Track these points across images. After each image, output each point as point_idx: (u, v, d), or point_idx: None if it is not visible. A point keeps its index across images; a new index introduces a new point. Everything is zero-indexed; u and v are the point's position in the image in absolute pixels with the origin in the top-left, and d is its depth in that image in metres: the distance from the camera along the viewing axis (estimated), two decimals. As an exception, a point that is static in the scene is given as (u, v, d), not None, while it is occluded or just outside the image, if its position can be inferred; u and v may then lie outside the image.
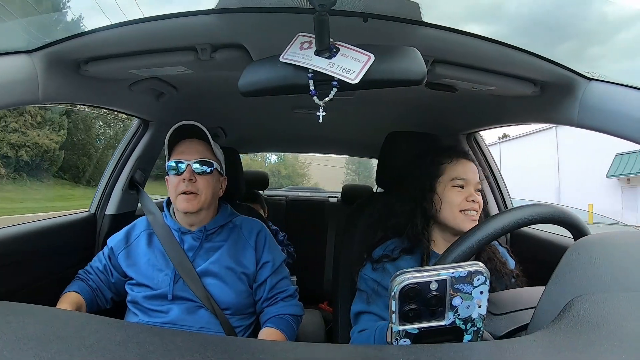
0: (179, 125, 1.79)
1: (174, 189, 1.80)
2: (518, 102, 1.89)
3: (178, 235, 1.85)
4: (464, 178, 1.68)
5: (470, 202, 1.65)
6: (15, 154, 14.99)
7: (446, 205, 1.67)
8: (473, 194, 1.66)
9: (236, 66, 1.46)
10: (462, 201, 1.65)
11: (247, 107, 2.65)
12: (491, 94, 1.83)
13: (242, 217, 2.00)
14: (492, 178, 2.68)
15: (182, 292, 1.75)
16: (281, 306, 1.84)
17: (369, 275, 1.68)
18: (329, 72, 1.15)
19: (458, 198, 1.66)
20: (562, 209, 1.10)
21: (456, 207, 1.65)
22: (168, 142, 1.82)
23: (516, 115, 2.03)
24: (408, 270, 0.74)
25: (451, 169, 1.71)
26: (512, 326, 0.87)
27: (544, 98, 1.72)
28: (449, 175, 1.69)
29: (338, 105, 2.34)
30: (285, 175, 21.98)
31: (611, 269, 0.72)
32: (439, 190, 1.70)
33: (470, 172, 1.70)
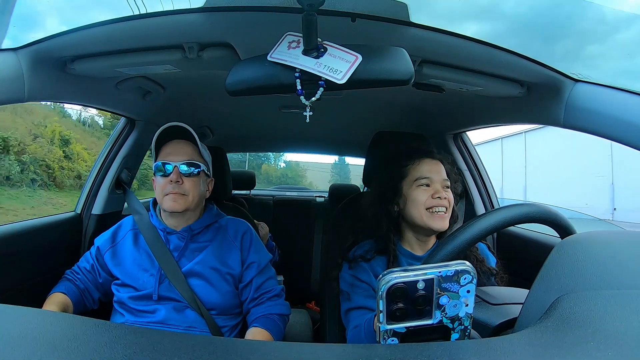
0: (166, 126, 1.78)
1: (160, 190, 1.79)
2: (505, 103, 1.90)
3: (163, 235, 1.84)
4: (428, 177, 1.69)
5: (436, 199, 1.66)
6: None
7: (412, 204, 1.69)
8: (440, 190, 1.67)
9: (223, 65, 1.47)
10: (427, 199, 1.66)
11: (234, 106, 2.65)
12: (478, 95, 1.84)
13: (228, 217, 1.99)
14: (479, 178, 2.69)
15: (168, 293, 1.75)
16: (268, 306, 1.84)
17: (346, 272, 1.72)
18: (316, 71, 1.16)
19: (423, 196, 1.67)
20: (549, 208, 1.11)
21: (422, 205, 1.67)
22: (155, 143, 1.81)
23: (503, 116, 2.04)
24: (395, 270, 0.74)
25: (414, 169, 1.72)
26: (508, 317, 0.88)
27: (530, 99, 1.74)
28: (413, 176, 1.72)
29: (325, 105, 2.35)
30: (291, 177, 25.17)
31: (597, 268, 0.72)
32: (405, 190, 1.72)
33: (434, 170, 1.71)
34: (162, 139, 1.81)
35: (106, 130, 18.74)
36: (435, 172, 1.70)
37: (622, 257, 0.75)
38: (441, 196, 1.66)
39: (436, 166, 1.73)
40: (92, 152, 15.93)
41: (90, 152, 15.87)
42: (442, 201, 1.66)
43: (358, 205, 2.03)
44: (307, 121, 1.24)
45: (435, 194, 1.66)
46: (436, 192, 1.66)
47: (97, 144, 16.90)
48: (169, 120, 1.77)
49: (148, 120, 2.44)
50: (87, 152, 15.96)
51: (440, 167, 1.73)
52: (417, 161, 1.73)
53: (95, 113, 19.35)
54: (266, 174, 25.27)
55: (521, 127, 20.67)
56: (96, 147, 16.04)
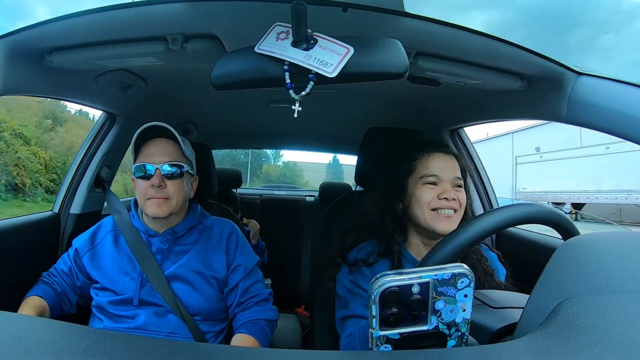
0: (147, 126, 1.75)
1: (142, 194, 1.77)
2: (504, 97, 1.90)
3: (145, 237, 1.82)
4: (435, 174, 1.62)
5: (442, 200, 1.58)
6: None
7: (416, 203, 1.62)
8: (448, 190, 1.59)
9: (209, 57, 1.46)
10: (433, 199, 1.59)
11: (220, 100, 2.65)
12: (476, 89, 1.84)
13: (213, 217, 1.98)
14: (477, 176, 2.69)
15: (150, 297, 1.73)
16: (254, 311, 1.83)
17: (346, 277, 1.66)
18: (306, 64, 1.15)
19: (428, 196, 1.60)
20: (551, 208, 1.10)
21: (426, 205, 1.60)
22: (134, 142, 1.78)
23: (502, 111, 2.04)
24: (389, 273, 0.73)
25: (422, 165, 1.66)
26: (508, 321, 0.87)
27: (531, 93, 1.73)
28: (419, 172, 1.65)
29: (316, 99, 2.34)
30: (289, 176, 26.70)
31: (601, 271, 0.72)
32: (410, 187, 1.66)
33: (445, 167, 1.64)
34: (141, 137, 1.78)
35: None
36: (445, 170, 1.63)
37: (628, 260, 0.75)
38: (448, 197, 1.58)
39: (448, 162, 1.66)
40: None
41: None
42: (450, 203, 1.58)
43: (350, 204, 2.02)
44: (295, 116, 1.23)
45: (442, 194, 1.59)
46: (443, 192, 1.59)
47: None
48: (151, 115, 1.76)
49: (129, 115, 2.42)
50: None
51: (453, 164, 1.67)
52: (426, 155, 1.66)
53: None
54: (267, 173, 26.99)
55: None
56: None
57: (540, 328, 0.65)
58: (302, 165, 26.65)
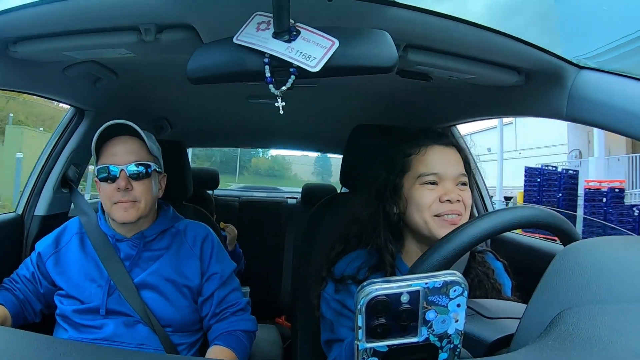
0: (106, 125, 1.72)
1: (107, 198, 1.74)
2: (500, 93, 1.89)
3: (113, 242, 1.80)
4: (435, 172, 1.48)
5: (445, 202, 1.45)
6: None
7: (413, 207, 1.49)
8: (451, 191, 1.46)
9: (184, 49, 1.44)
10: (433, 202, 1.46)
11: (196, 95, 2.62)
12: (470, 84, 1.84)
13: (187, 221, 1.96)
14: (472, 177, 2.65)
15: (118, 306, 1.72)
16: (231, 321, 1.82)
17: (332, 296, 1.57)
18: (287, 57, 1.15)
19: (428, 198, 1.46)
20: (550, 211, 1.10)
21: (425, 210, 1.46)
22: (95, 142, 1.75)
23: (498, 107, 2.03)
24: (376, 281, 0.72)
25: (419, 161, 1.52)
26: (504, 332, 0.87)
27: (528, 88, 1.73)
28: (416, 171, 1.51)
29: (299, 94, 2.33)
30: (278, 169, 27.59)
31: (604, 279, 0.71)
32: (406, 189, 1.53)
33: (446, 162, 1.51)
34: (103, 136, 1.75)
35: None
36: (447, 165, 1.50)
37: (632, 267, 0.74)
38: (452, 198, 1.45)
39: (449, 156, 1.54)
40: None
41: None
42: (455, 205, 1.45)
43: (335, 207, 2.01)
44: (280, 112, 1.22)
45: (445, 195, 1.45)
46: (445, 193, 1.45)
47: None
48: (123, 110, 1.75)
49: (99, 110, 2.39)
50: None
51: (455, 157, 1.55)
52: (423, 149, 1.53)
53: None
54: (256, 166, 27.52)
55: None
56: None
57: (538, 340, 0.65)
58: (291, 159, 27.37)
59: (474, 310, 0.97)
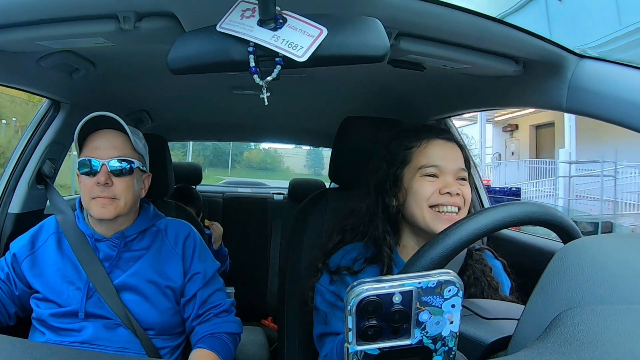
0: (91, 117, 1.71)
1: (87, 192, 1.73)
2: (497, 83, 1.88)
3: (92, 242, 1.79)
4: (436, 165, 1.54)
5: (444, 195, 1.51)
6: None
7: (413, 199, 1.55)
8: (451, 184, 1.52)
9: (165, 38, 1.43)
10: (433, 194, 1.52)
11: (178, 86, 2.60)
12: (465, 74, 1.84)
13: (168, 219, 1.96)
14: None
15: (97, 309, 1.71)
16: (215, 323, 1.81)
17: (327, 287, 1.60)
18: (273, 46, 1.14)
19: (427, 190, 1.52)
20: (550, 208, 1.09)
21: (424, 201, 1.52)
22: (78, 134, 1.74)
23: (494, 98, 2.03)
24: (367, 281, 0.71)
25: (420, 153, 1.58)
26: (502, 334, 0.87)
27: (527, 78, 1.72)
28: (417, 162, 1.57)
29: (286, 85, 2.32)
30: (270, 162, 28.85)
31: (606, 278, 0.71)
32: (406, 180, 1.58)
33: (447, 156, 1.57)
34: (87, 128, 1.74)
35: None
36: (448, 159, 1.57)
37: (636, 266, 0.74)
38: (452, 191, 1.50)
39: (450, 150, 1.60)
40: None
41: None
42: (454, 198, 1.51)
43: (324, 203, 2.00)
44: (265, 104, 1.22)
45: (445, 187, 1.51)
46: (445, 186, 1.51)
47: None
48: (100, 102, 1.73)
49: (75, 102, 2.38)
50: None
51: (457, 152, 1.62)
52: (424, 143, 1.60)
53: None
54: (248, 159, 29.06)
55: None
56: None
57: (537, 342, 0.64)
58: (283, 152, 28.29)
59: (470, 311, 0.97)
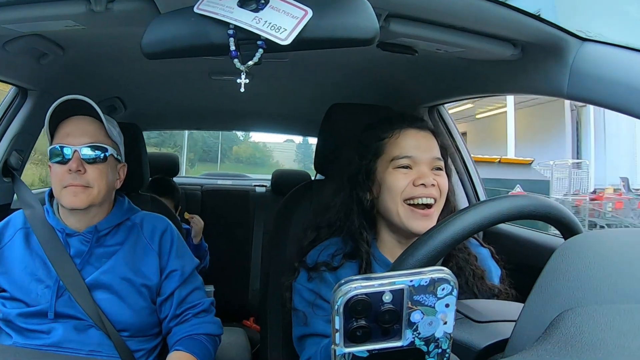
0: (63, 100, 1.69)
1: (58, 181, 1.71)
2: (493, 68, 1.87)
3: (62, 237, 1.77)
4: (409, 155, 1.54)
5: (419, 186, 1.50)
6: None
7: (386, 192, 1.55)
8: (425, 175, 1.51)
9: (139, 20, 1.42)
10: (407, 186, 1.51)
11: (153, 72, 2.59)
12: (459, 58, 1.82)
13: (143, 212, 1.95)
14: (460, 161, 2.68)
15: (68, 309, 1.70)
16: (193, 324, 1.81)
17: (305, 285, 1.60)
18: (254, 29, 1.13)
19: (401, 182, 1.52)
20: (548, 201, 1.09)
21: (398, 195, 1.52)
22: (49, 120, 1.73)
23: (490, 84, 2.03)
24: (355, 278, 0.70)
25: (392, 144, 1.59)
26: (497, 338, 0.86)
27: (525, 63, 1.70)
28: (390, 154, 1.57)
29: (268, 71, 2.30)
30: (259, 157, 28.64)
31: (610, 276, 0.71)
32: (379, 173, 1.59)
33: (421, 146, 1.57)
34: (58, 115, 1.73)
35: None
36: (421, 149, 1.56)
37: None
38: (426, 182, 1.50)
39: (424, 140, 1.60)
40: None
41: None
42: (428, 190, 1.50)
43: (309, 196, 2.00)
44: (241, 90, 1.22)
45: (419, 179, 1.50)
46: (420, 177, 1.50)
47: None
48: (71, 89, 1.71)
49: (44, 89, 2.36)
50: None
51: (431, 142, 1.61)
52: (396, 133, 1.60)
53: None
54: (237, 154, 28.70)
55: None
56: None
57: (537, 344, 0.64)
58: (272, 146, 28.33)
59: (461, 314, 0.97)
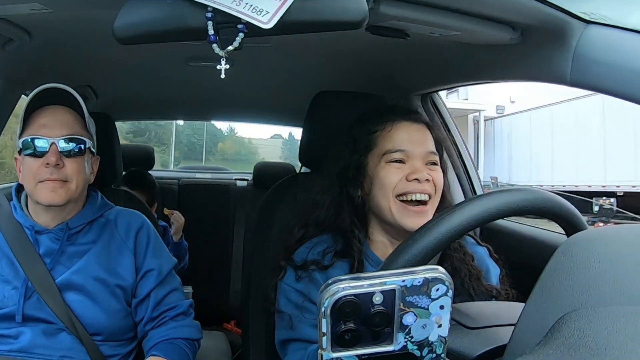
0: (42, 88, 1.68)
1: (32, 176, 1.69)
2: (490, 53, 1.85)
3: (31, 234, 1.76)
4: (402, 149, 1.55)
5: (412, 181, 1.50)
6: None
7: (378, 188, 1.56)
8: (419, 169, 1.52)
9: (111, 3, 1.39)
10: (400, 181, 1.52)
11: (126, 58, 2.57)
12: (454, 42, 1.81)
13: (118, 208, 1.94)
14: (456, 153, 2.67)
15: (37, 312, 1.69)
16: (171, 328, 1.81)
17: (292, 286, 1.59)
18: (234, 11, 1.12)
19: (394, 177, 1.53)
20: (551, 195, 1.08)
21: (390, 190, 1.52)
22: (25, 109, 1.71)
23: (487, 70, 2.02)
24: (343, 278, 0.70)
25: (384, 138, 1.59)
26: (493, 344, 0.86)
27: (525, 47, 1.69)
28: (382, 148, 1.58)
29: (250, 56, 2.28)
30: (245, 154, 29.17)
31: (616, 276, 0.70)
32: (370, 168, 1.60)
33: (415, 140, 1.58)
34: (31, 104, 1.71)
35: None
36: (415, 142, 1.57)
37: None
38: (420, 177, 1.50)
39: (418, 133, 1.60)
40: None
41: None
42: (422, 185, 1.50)
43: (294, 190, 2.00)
44: (222, 77, 1.21)
45: (412, 173, 1.50)
46: (413, 172, 1.51)
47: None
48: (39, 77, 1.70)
49: (9, 77, 2.32)
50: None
51: (425, 135, 1.62)
52: (389, 126, 1.60)
53: None
54: (222, 151, 29.47)
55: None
56: None
57: (537, 348, 0.64)
58: (258, 142, 28.93)
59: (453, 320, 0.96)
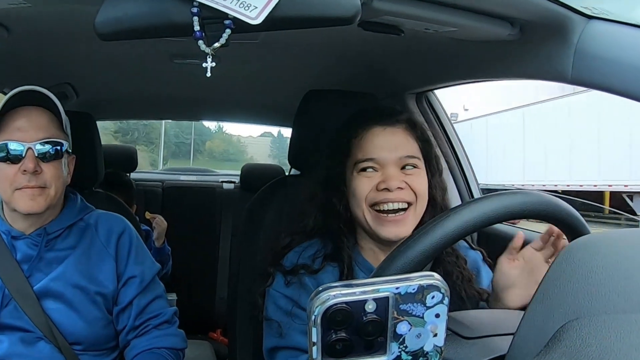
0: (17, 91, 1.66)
1: (8, 183, 1.66)
2: (488, 50, 1.85)
3: (8, 240, 1.74)
4: (371, 157, 1.53)
5: (382, 191, 1.49)
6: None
7: (352, 198, 1.56)
8: (391, 177, 1.49)
9: (91, -3, 1.39)
10: (370, 191, 1.51)
11: (108, 55, 2.55)
12: (450, 38, 1.79)
13: (98, 212, 1.92)
14: (452, 154, 2.68)
15: (14, 320, 1.68)
16: (154, 337, 1.80)
17: (281, 292, 1.58)
18: (221, 6, 1.11)
19: (364, 187, 1.52)
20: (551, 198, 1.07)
21: (362, 200, 1.52)
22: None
23: (485, 68, 2.02)
24: (334, 285, 0.70)
25: (356, 146, 1.58)
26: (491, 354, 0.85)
27: (524, 44, 1.68)
28: (354, 157, 1.57)
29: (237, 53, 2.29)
30: (233, 152, 30.07)
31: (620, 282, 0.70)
32: (347, 177, 1.59)
33: (387, 146, 1.54)
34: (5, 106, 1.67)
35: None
36: (386, 148, 1.53)
37: None
38: (390, 186, 1.47)
39: (392, 137, 1.56)
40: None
41: None
42: (394, 194, 1.48)
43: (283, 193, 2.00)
44: (208, 75, 1.20)
45: (383, 182, 1.48)
46: (384, 180, 1.48)
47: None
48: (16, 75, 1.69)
49: None
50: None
51: (401, 139, 1.57)
52: (360, 132, 1.58)
53: None
54: (210, 149, 30.47)
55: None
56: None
57: (538, 358, 0.63)
58: (247, 141, 29.91)
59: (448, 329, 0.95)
